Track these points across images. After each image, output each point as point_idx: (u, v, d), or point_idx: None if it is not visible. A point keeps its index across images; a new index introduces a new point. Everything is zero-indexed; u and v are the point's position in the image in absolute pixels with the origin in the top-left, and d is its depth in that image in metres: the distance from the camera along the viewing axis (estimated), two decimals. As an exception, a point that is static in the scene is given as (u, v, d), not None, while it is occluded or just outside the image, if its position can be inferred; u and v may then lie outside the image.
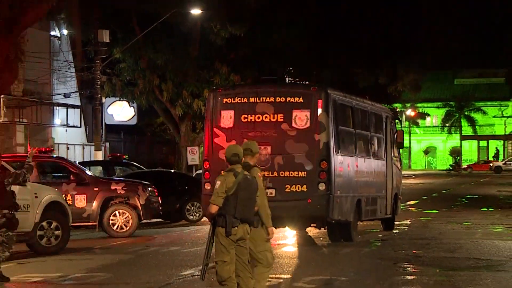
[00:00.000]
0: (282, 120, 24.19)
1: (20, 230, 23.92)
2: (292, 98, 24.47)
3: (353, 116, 26.85)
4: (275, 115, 24.25)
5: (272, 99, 24.61)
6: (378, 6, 67.29)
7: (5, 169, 20.49)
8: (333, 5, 63.16)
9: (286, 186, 21.51)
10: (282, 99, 24.51)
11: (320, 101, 24.08)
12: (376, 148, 28.65)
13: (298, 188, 23.03)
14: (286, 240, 27.12)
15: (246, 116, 24.52)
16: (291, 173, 23.24)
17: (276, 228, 13.63)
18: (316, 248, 14.98)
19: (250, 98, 24.83)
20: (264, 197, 14.28)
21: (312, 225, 25.53)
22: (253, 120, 24.45)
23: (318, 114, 23.95)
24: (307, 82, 25.38)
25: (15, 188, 23.28)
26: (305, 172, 22.50)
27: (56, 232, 25.41)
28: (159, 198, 31.88)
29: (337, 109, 25.13)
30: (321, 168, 22.91)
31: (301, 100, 24.32)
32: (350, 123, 26.42)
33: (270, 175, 23.60)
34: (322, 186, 22.95)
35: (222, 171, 22.93)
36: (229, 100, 24.98)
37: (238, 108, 24.73)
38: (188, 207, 36.26)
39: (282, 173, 22.92)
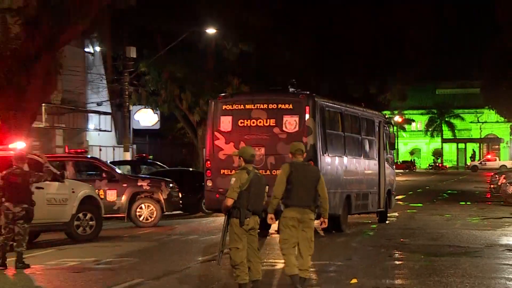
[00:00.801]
0: (274, 124, 24.23)
1: (59, 221, 24.33)
2: (283, 105, 24.48)
3: (343, 121, 26.80)
4: (268, 120, 24.32)
5: (265, 105, 24.64)
6: (368, 26, 67.23)
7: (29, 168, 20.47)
8: (329, 27, 63.14)
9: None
10: (274, 106, 24.53)
11: (307, 108, 24.09)
12: (367, 149, 28.57)
13: None
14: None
15: (242, 121, 24.59)
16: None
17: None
18: (315, 237, 15.15)
19: (246, 105, 24.92)
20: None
21: None
22: (248, 124, 24.50)
23: (306, 119, 23.97)
24: (298, 90, 25.19)
25: (55, 184, 23.56)
26: None
27: (91, 222, 25.68)
28: (179, 193, 31.99)
29: (325, 114, 25.16)
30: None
31: (291, 106, 24.35)
32: (339, 127, 26.37)
33: (264, 173, 23.43)
34: None
35: (234, 170, 23.23)
36: (228, 107, 25.07)
37: (236, 114, 24.79)
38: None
39: (274, 172, 22.62)
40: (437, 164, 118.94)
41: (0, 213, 19.41)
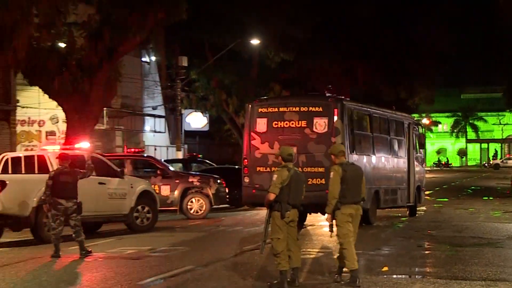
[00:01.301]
0: (305, 126, 24.13)
1: (120, 213, 24.78)
2: (314, 107, 24.38)
3: (371, 122, 26.64)
4: (300, 122, 24.22)
5: (297, 108, 24.51)
6: (398, 36, 66.86)
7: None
8: (362, 38, 62.89)
9: (309, 179, 20.80)
10: (305, 109, 24.44)
11: (336, 110, 23.93)
12: (396, 148, 28.35)
13: (318, 181, 22.85)
14: (321, 222, 27.11)
15: (276, 122, 24.50)
16: (312, 169, 23.19)
17: (309, 214, 13.86)
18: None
19: (280, 108, 24.79)
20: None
21: None
22: (282, 126, 24.42)
23: (334, 120, 23.79)
24: (329, 95, 25.06)
25: (115, 180, 24.61)
26: (323, 168, 22.23)
27: (148, 214, 26.07)
28: (226, 188, 32.20)
29: (353, 116, 25.00)
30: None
31: (320, 109, 24.23)
32: (368, 128, 26.24)
33: (300, 170, 23.49)
34: None
35: (268, 168, 23.44)
36: (263, 110, 24.98)
37: (270, 116, 24.70)
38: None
39: (305, 169, 22.47)
40: (441, 163, 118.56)
41: (50, 209, 19.64)
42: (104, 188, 24.87)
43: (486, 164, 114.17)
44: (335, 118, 23.79)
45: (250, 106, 25.73)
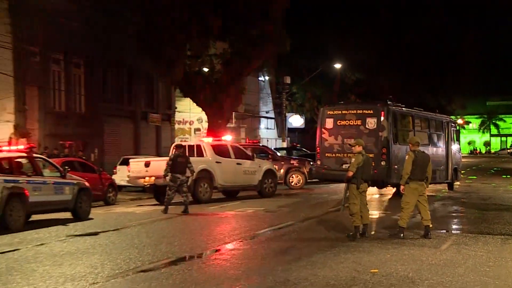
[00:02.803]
0: (360, 124, 23.60)
1: (251, 184, 25.80)
2: (366, 110, 23.86)
3: (413, 121, 25.76)
4: (356, 121, 23.72)
5: (355, 111, 24.07)
6: (439, 57, 65.81)
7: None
8: (413, 60, 62.08)
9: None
10: (360, 111, 23.95)
11: (382, 112, 23.36)
12: (435, 141, 27.31)
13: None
14: (374, 195, 27.05)
15: (340, 121, 24.05)
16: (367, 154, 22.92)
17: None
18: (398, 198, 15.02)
19: (343, 111, 24.31)
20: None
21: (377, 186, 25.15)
22: (344, 124, 23.95)
23: (381, 120, 23.27)
24: (380, 101, 24.98)
25: (248, 162, 25.95)
26: (373, 154, 21.27)
27: (271, 185, 26.32)
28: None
29: (396, 116, 24.24)
30: (382, 152, 22.31)
31: (371, 112, 23.65)
32: (410, 125, 25.38)
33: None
34: (383, 163, 22.36)
35: (334, 154, 24.00)
36: (330, 112, 24.50)
37: (336, 117, 24.24)
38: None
39: None
40: (476, 150, 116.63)
41: (180, 184, 20.11)
42: (241, 167, 25.34)
43: (509, 151, 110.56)
44: (382, 118, 23.28)
45: (321, 109, 25.48)
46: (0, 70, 30.37)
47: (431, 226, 14.05)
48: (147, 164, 23.56)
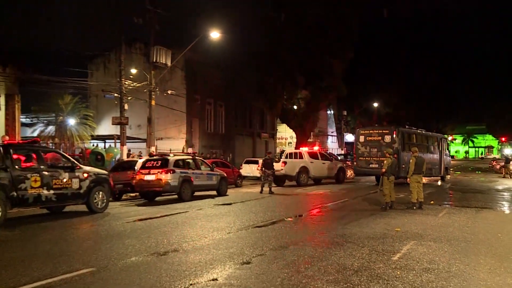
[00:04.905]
0: (380, 139, 22.86)
1: (330, 175, 25.00)
2: (385, 130, 23.19)
3: (416, 137, 24.52)
4: (378, 137, 22.98)
5: (377, 131, 23.39)
6: (437, 98, 63.52)
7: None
8: (422, 100, 59.86)
9: (382, 164, 20.16)
10: (381, 131, 23.26)
11: (395, 132, 22.62)
12: (432, 149, 25.85)
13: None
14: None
15: (368, 137, 23.29)
16: (382, 158, 21.83)
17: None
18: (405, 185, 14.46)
19: (370, 131, 23.60)
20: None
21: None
22: (370, 139, 23.17)
23: (394, 136, 22.52)
24: (395, 124, 24.68)
25: (328, 162, 25.14)
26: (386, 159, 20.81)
27: (343, 175, 25.89)
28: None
29: (404, 134, 23.25)
30: (394, 156, 21.92)
31: (387, 131, 22.93)
32: (414, 139, 24.09)
33: (376, 159, 22.66)
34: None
35: (367, 158, 22.98)
36: (362, 132, 23.77)
37: (365, 135, 23.46)
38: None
39: (381, 159, 21.45)
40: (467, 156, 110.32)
41: (263, 173, 19.27)
42: (325, 165, 24.89)
43: (482, 157, 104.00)
44: (394, 135, 22.58)
45: (357, 130, 24.66)
46: (179, 109, 31.79)
47: (422, 201, 13.73)
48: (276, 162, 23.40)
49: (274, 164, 22.65)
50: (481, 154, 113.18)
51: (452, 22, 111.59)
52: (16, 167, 10.93)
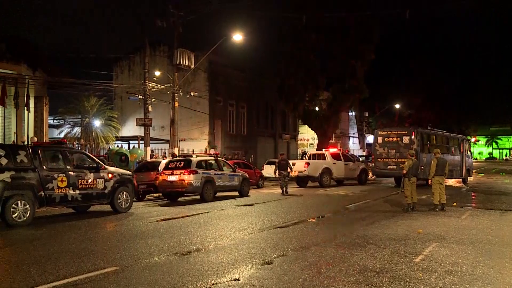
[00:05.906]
0: (399, 140, 22.44)
1: (353, 176, 24.97)
2: (403, 131, 22.75)
3: (436, 138, 23.92)
4: (397, 138, 22.56)
5: (396, 132, 22.97)
6: (460, 100, 62.65)
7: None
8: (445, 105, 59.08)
9: (401, 165, 19.53)
10: (399, 132, 22.81)
11: (413, 133, 22.20)
12: (452, 151, 25.11)
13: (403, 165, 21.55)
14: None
15: (387, 139, 22.89)
16: (402, 160, 21.12)
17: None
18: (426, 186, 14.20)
19: (388, 132, 23.17)
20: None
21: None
22: (389, 140, 22.78)
23: (413, 138, 22.11)
24: (414, 126, 24.28)
25: (351, 163, 24.94)
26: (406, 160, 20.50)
27: (365, 177, 25.87)
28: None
29: (423, 135, 22.81)
30: (414, 157, 21.62)
31: (406, 132, 22.52)
32: (434, 141, 23.51)
33: (395, 161, 22.27)
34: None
35: (384, 159, 22.59)
36: (381, 133, 23.30)
37: (384, 136, 23.05)
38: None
39: (399, 160, 21.42)
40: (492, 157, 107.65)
41: (279, 174, 19.34)
42: (347, 166, 24.71)
43: (506, 159, 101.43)
44: (413, 136, 22.17)
45: (375, 131, 24.26)
46: (202, 110, 32.05)
47: (445, 203, 13.51)
48: (294, 164, 23.12)
49: (296, 164, 22.58)
50: (506, 155, 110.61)
51: (476, 22, 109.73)
52: (44, 167, 11.08)
